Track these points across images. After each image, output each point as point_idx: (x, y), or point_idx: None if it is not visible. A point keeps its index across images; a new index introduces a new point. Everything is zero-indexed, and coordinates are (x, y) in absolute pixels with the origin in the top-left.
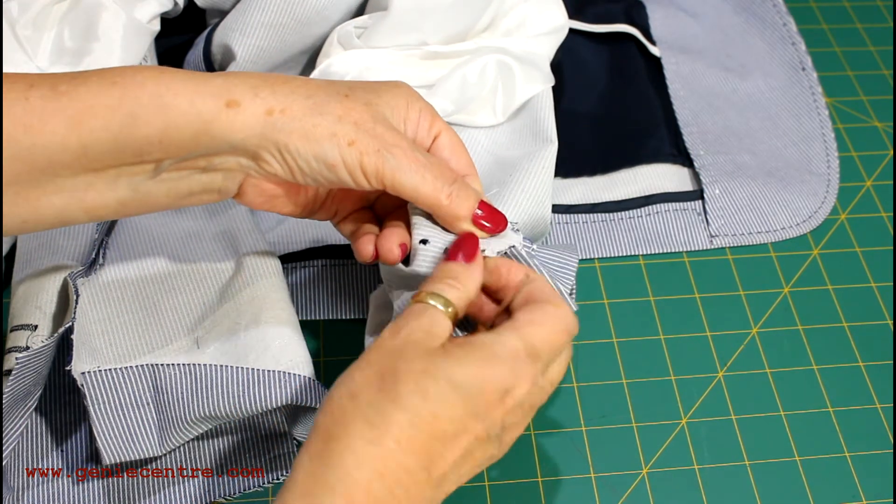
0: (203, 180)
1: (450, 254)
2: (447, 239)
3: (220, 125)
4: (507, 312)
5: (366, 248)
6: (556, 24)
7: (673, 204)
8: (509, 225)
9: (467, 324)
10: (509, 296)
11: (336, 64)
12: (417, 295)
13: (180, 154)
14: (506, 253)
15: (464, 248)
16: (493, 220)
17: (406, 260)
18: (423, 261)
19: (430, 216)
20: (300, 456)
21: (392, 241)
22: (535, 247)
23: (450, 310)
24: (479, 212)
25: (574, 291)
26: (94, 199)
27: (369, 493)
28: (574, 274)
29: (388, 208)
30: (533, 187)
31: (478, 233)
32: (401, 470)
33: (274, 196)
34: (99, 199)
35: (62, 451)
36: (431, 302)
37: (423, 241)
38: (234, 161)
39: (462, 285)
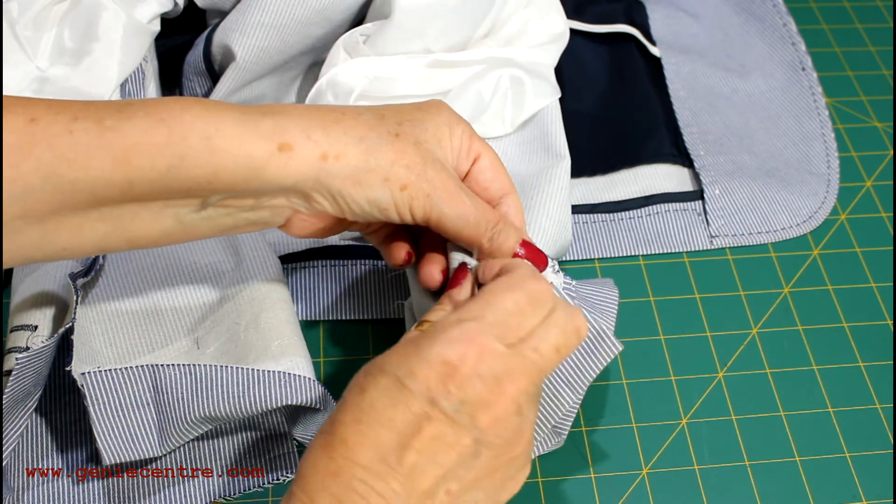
0: (250, 216)
1: (450, 285)
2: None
3: (273, 170)
4: None
5: (398, 252)
6: (557, 30)
7: (673, 204)
8: (550, 264)
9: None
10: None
11: (342, 73)
12: (421, 325)
13: (229, 192)
14: None
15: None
16: (534, 260)
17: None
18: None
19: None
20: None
21: (434, 267)
22: (574, 283)
23: None
24: (521, 251)
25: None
26: (139, 229)
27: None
28: (616, 308)
29: None
30: (554, 211)
31: None
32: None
33: (319, 228)
34: (143, 228)
35: (62, 451)
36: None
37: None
38: (283, 200)
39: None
